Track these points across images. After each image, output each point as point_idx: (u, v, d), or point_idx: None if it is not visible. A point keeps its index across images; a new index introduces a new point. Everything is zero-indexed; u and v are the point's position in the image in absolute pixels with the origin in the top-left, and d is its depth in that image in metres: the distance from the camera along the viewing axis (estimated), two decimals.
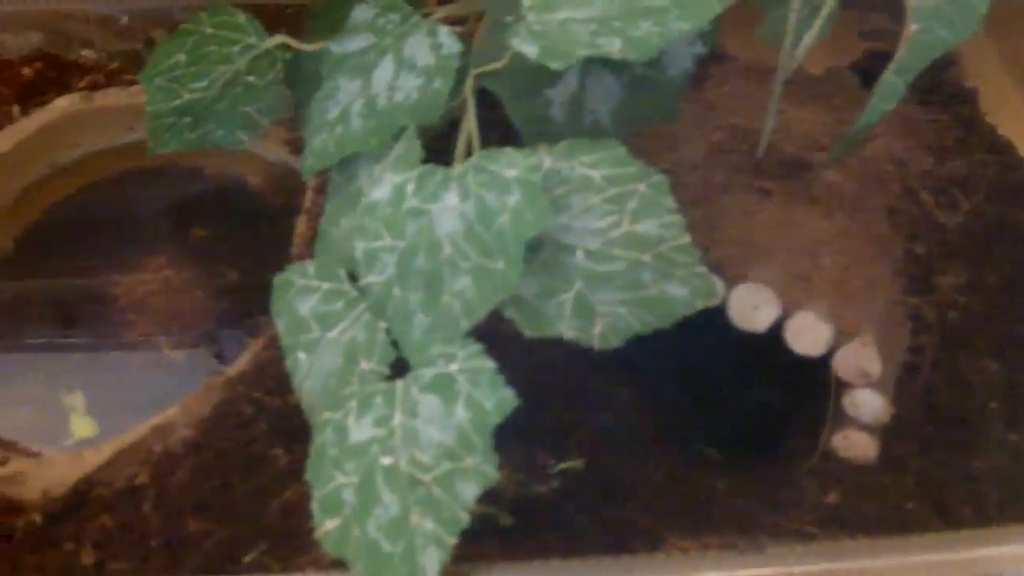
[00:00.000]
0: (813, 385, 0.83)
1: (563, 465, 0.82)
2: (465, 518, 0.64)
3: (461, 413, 0.65)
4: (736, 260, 0.82)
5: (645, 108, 0.83)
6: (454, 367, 0.67)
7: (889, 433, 0.84)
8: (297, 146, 1.04)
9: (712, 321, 0.81)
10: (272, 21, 0.95)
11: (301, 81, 0.97)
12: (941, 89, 1.08)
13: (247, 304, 1.00)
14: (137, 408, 0.92)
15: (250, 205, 1.07)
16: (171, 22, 1.19)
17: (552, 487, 0.80)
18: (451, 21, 0.90)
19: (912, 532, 0.81)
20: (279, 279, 0.80)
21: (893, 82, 0.76)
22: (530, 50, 0.75)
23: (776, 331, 0.81)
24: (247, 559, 0.80)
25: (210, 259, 1.02)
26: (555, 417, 0.85)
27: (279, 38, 0.93)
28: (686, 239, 0.73)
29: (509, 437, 0.70)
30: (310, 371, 0.76)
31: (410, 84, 0.83)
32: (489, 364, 0.66)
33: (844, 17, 0.85)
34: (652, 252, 0.72)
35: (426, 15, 0.89)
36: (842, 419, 0.83)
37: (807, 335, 0.80)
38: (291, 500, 0.82)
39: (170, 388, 0.94)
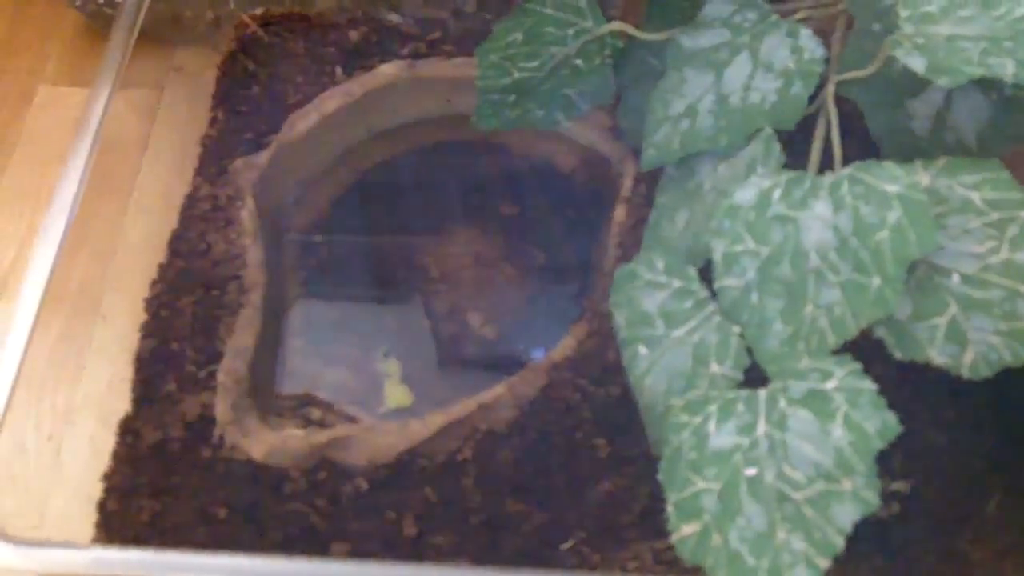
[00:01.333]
0: None
1: (894, 486, 0.80)
2: (840, 543, 0.62)
3: (839, 433, 0.64)
4: None
5: (1013, 130, 0.80)
6: (831, 384, 0.66)
7: None
8: (616, 133, 1.03)
9: None
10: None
11: (629, 69, 0.96)
12: None
13: (559, 287, 1.00)
14: (447, 381, 0.94)
15: (559, 187, 1.06)
16: None
17: (892, 511, 0.78)
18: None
19: None
20: (622, 270, 0.79)
21: None
22: (917, 63, 0.73)
23: None
24: (565, 547, 0.80)
25: (519, 238, 1.03)
26: None
27: (617, 24, 0.93)
28: None
29: None
30: (652, 368, 0.76)
31: (767, 86, 0.81)
32: (870, 385, 0.65)
33: None
34: None
35: (783, 15, 0.87)
36: None
37: None
38: (610, 492, 0.82)
39: (480, 364, 0.95)
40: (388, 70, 1.07)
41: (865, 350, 0.69)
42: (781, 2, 0.91)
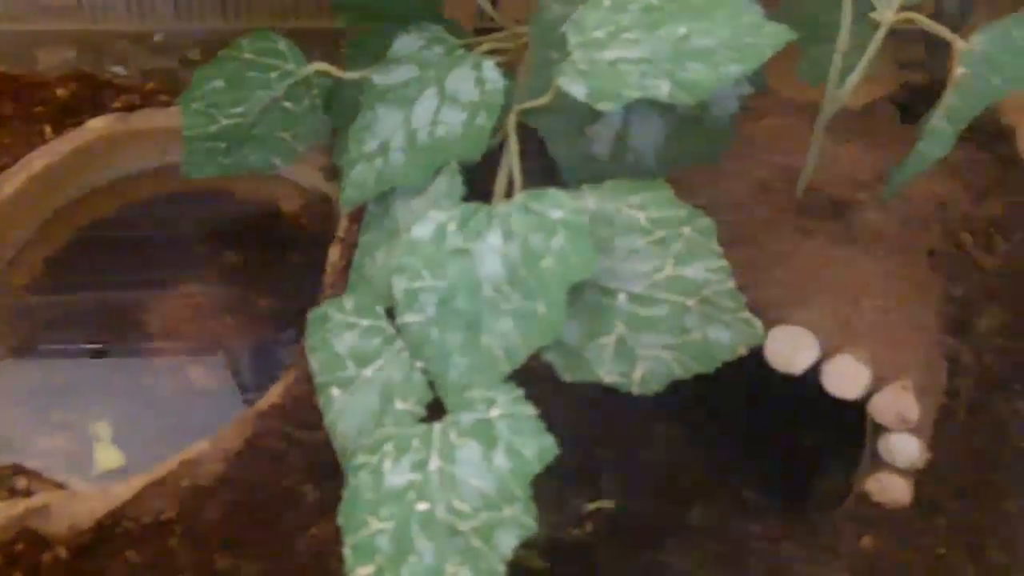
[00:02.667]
0: (849, 428, 0.82)
1: (595, 505, 0.81)
2: (502, 570, 0.62)
3: (501, 461, 0.64)
4: (776, 301, 0.81)
5: (689, 148, 0.82)
6: (495, 412, 0.66)
7: (924, 477, 0.83)
8: (332, 172, 1.03)
9: (750, 362, 0.80)
10: (306, 43, 0.94)
11: (340, 108, 0.96)
12: (979, 127, 1.06)
13: (279, 333, 0.99)
14: (165, 438, 0.91)
15: (283, 231, 1.06)
16: (206, 41, 1.18)
17: (586, 530, 0.78)
18: (493, 54, 0.89)
19: None
20: (314, 313, 0.79)
21: (943, 129, 0.75)
22: (578, 90, 0.74)
23: (814, 373, 0.79)
24: None
25: (242, 285, 1.02)
26: (589, 455, 0.84)
27: (318, 65, 0.93)
28: (731, 284, 0.72)
29: (541, 476, 0.69)
30: (345, 409, 0.75)
31: (453, 119, 0.82)
32: (530, 410, 0.65)
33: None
34: (696, 296, 0.71)
35: (469, 47, 0.88)
36: (877, 462, 0.82)
37: (845, 378, 0.79)
38: (321, 538, 0.81)
39: (199, 418, 0.93)
40: (98, 124, 1.05)
41: None
42: (478, 34, 0.92)
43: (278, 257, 1.04)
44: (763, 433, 0.88)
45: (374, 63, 0.90)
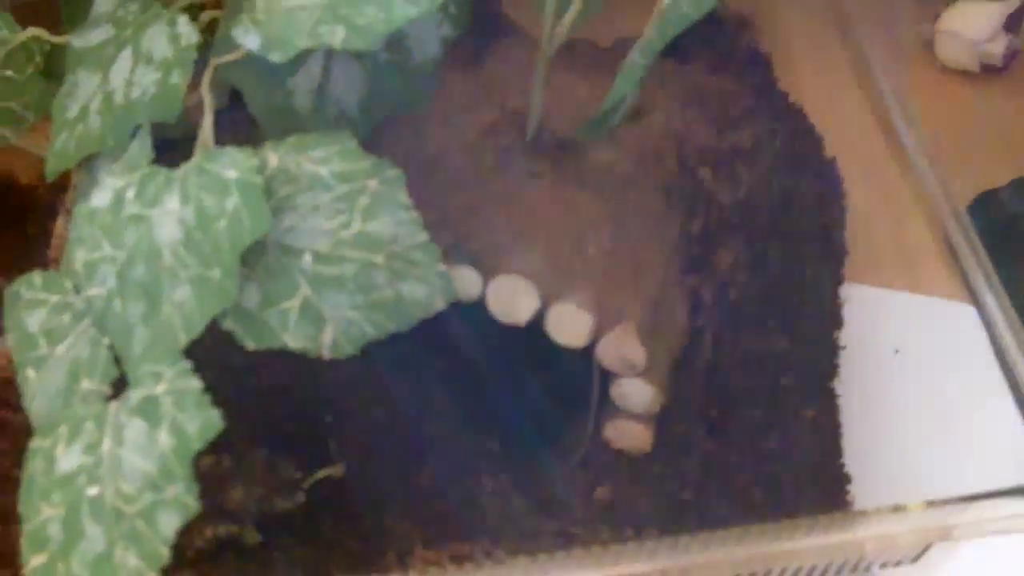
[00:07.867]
0: (583, 377, 0.80)
1: (321, 474, 0.78)
2: (165, 553, 0.60)
3: (164, 439, 0.61)
4: (497, 248, 0.79)
5: (392, 96, 0.79)
6: (161, 388, 0.63)
7: (668, 420, 0.82)
8: None
9: (478, 314, 0.78)
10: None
11: (58, 74, 0.92)
12: (734, 56, 1.04)
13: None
14: None
15: (19, 203, 1.01)
16: None
17: (298, 501, 0.75)
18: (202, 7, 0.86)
19: (688, 524, 0.79)
20: (9, 291, 0.75)
21: (635, 63, 0.73)
22: (252, 41, 0.71)
23: (540, 323, 0.77)
24: None
25: None
26: (315, 421, 0.81)
27: (32, 31, 0.88)
28: (423, 236, 0.69)
29: (249, 448, 0.67)
30: (38, 390, 0.72)
31: (148, 79, 0.78)
32: (195, 384, 0.62)
33: None
34: (385, 252, 0.69)
35: (168, 3, 0.84)
36: (613, 410, 0.80)
37: (567, 326, 0.77)
38: None
39: None
40: None
41: None
42: None
43: (13, 230, 1.00)
44: (498, 388, 0.85)
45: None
